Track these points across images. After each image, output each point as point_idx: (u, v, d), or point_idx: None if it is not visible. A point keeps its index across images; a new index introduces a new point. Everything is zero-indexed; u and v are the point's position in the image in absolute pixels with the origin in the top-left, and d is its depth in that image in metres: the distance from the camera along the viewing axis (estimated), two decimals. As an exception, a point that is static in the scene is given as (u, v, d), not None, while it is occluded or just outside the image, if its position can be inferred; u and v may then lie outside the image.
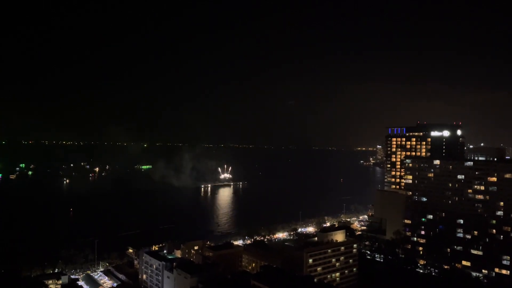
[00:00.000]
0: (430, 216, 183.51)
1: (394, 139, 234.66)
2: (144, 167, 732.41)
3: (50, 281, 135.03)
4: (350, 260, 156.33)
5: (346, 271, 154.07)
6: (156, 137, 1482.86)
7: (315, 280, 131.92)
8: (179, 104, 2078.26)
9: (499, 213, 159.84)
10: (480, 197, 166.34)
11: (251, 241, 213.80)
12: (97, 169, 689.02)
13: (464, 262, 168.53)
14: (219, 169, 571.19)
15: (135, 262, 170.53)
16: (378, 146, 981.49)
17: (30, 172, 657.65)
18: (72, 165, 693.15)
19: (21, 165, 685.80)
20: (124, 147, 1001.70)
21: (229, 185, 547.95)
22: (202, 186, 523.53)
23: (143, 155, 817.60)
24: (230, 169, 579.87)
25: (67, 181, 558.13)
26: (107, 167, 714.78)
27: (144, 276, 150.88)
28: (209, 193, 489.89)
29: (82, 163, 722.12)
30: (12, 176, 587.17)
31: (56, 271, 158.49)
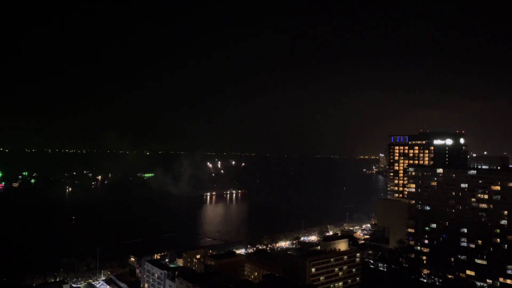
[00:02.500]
0: (434, 225, 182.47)
1: (397, 147, 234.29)
2: (146, 175, 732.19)
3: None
4: (353, 269, 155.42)
5: (349, 281, 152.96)
6: (158, 145, 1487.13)
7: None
8: (181, 112, 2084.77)
9: (503, 222, 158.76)
10: (484, 205, 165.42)
11: (253, 250, 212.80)
12: (99, 177, 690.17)
13: (468, 272, 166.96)
14: (214, 176, 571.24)
15: (137, 270, 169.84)
16: (380, 155, 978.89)
17: (32, 180, 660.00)
18: (74, 173, 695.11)
19: (24, 173, 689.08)
20: (127, 155, 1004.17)
21: (231, 193, 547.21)
22: (204, 194, 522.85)
23: (146, 163, 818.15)
24: (233, 176, 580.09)
25: (70, 189, 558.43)
26: (110, 175, 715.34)
27: (146, 285, 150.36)
28: (211, 201, 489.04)
29: (84, 171, 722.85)
30: (15, 184, 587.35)
31: (57, 279, 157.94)
